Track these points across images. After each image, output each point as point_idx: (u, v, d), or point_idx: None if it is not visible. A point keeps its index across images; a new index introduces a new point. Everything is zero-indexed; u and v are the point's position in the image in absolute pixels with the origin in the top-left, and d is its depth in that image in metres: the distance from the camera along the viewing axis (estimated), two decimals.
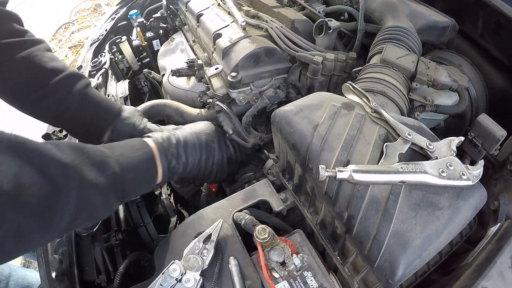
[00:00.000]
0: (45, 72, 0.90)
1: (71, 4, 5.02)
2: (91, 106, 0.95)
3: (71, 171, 0.57)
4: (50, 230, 0.54)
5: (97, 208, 0.63)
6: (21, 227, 0.48)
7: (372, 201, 0.57)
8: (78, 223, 0.60)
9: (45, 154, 0.54)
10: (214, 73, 1.03)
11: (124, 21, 1.77)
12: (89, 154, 0.62)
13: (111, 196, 0.65)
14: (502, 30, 1.02)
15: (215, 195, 1.20)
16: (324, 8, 1.25)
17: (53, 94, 0.90)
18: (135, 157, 0.73)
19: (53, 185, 0.53)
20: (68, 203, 0.55)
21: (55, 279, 0.85)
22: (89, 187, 0.59)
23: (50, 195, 0.52)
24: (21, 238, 0.49)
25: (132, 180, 0.71)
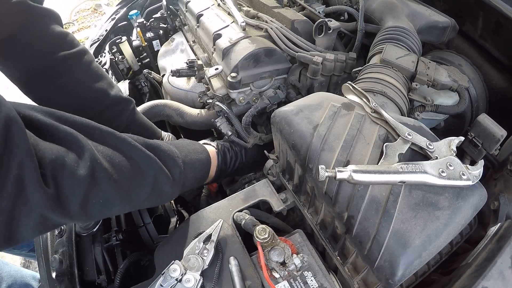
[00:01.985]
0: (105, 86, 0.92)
1: (71, 4, 5.02)
2: (137, 127, 1.00)
3: (152, 161, 0.66)
4: (128, 204, 0.63)
5: (163, 195, 0.72)
6: (109, 198, 0.57)
7: (372, 201, 0.57)
8: (148, 204, 0.71)
9: (131, 143, 0.63)
10: (214, 73, 1.04)
11: (124, 22, 1.77)
12: (164, 151, 0.71)
13: (176, 189, 0.74)
14: (502, 30, 1.02)
15: (215, 195, 1.20)
16: (324, 8, 1.25)
17: (103, 114, 0.92)
18: (196, 159, 0.83)
19: (138, 169, 0.63)
20: (146, 186, 0.65)
21: (55, 279, 0.85)
22: (163, 177, 0.69)
23: (135, 177, 0.62)
24: (105, 206, 0.57)
25: (191, 179, 0.80)
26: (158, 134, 1.07)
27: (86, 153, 0.52)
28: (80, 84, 0.88)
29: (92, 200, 0.53)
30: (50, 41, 0.82)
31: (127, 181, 0.60)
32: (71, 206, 0.50)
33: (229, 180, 1.18)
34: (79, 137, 0.53)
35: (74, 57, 0.86)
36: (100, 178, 0.54)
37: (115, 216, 1.05)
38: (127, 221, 1.05)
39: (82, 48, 0.90)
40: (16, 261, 2.10)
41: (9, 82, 0.85)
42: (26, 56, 0.81)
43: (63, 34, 0.85)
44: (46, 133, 0.50)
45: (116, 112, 0.95)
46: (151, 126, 1.07)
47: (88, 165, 0.51)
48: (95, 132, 0.59)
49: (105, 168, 0.55)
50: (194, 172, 0.81)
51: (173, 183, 0.71)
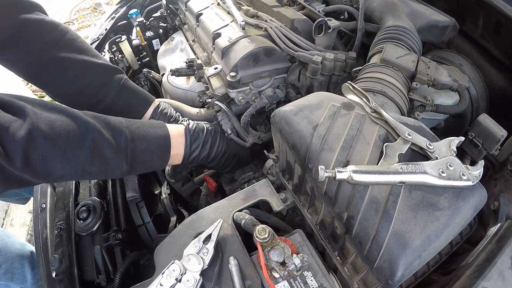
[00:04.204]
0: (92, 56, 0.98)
1: (71, 3, 5.01)
2: (127, 95, 1.03)
3: (91, 126, 0.73)
4: (68, 164, 0.70)
5: (108, 162, 0.76)
6: (47, 155, 0.67)
7: (371, 201, 0.57)
8: (92, 169, 0.75)
9: (74, 112, 0.73)
10: (213, 72, 1.03)
11: (124, 21, 1.77)
12: (109, 121, 0.78)
13: (122, 157, 0.78)
14: (502, 30, 1.02)
15: (214, 195, 1.20)
16: (323, 7, 1.25)
17: (90, 85, 0.97)
18: (150, 132, 0.85)
19: (77, 131, 0.71)
20: (84, 147, 0.72)
21: (55, 278, 0.85)
22: (103, 141, 0.74)
23: (73, 138, 0.70)
24: (45, 162, 0.67)
25: (144, 150, 0.82)
26: (150, 99, 1.08)
27: (28, 119, 0.66)
28: (65, 59, 0.94)
29: (33, 156, 0.65)
30: (29, 28, 0.89)
31: (64, 141, 0.69)
32: (15, 158, 0.63)
33: (229, 179, 1.18)
34: (27, 108, 0.67)
35: (56, 38, 0.93)
36: (37, 137, 0.65)
37: (115, 215, 1.05)
38: (126, 221, 1.05)
39: (63, 28, 0.96)
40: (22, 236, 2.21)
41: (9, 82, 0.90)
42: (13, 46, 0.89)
43: (40, 19, 0.91)
44: (5, 106, 0.66)
45: (105, 79, 0.99)
46: (143, 92, 1.08)
47: (27, 127, 0.64)
48: (47, 106, 0.72)
49: (42, 129, 0.66)
50: (146, 144, 0.82)
51: (117, 149, 0.77)
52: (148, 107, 1.06)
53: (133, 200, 1.06)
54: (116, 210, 1.07)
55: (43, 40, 0.91)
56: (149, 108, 1.06)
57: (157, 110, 1.07)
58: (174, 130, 0.91)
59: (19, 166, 0.64)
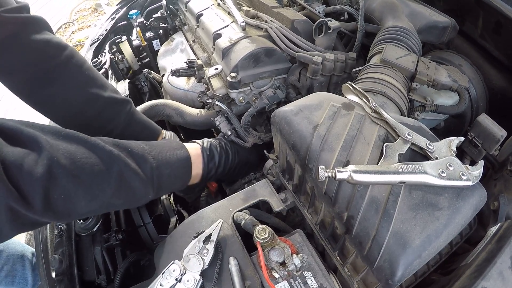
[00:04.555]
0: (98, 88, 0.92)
1: (72, 3, 5.02)
2: (135, 130, 1.00)
3: (116, 157, 0.68)
4: (93, 200, 0.64)
5: (135, 193, 0.71)
6: (71, 194, 0.59)
7: (371, 201, 0.57)
8: (118, 202, 0.70)
9: (94, 142, 0.66)
10: (213, 73, 1.03)
11: (124, 21, 1.77)
12: (132, 149, 0.73)
13: (148, 186, 0.74)
14: (502, 30, 1.02)
15: (215, 195, 1.20)
16: (324, 8, 1.25)
17: (96, 119, 0.92)
18: (171, 156, 0.82)
19: (101, 164, 0.65)
20: (111, 181, 0.66)
21: (55, 279, 0.85)
22: (130, 172, 0.69)
23: (97, 171, 0.64)
24: (68, 201, 0.59)
25: (168, 176, 0.79)
26: (157, 132, 1.07)
27: (44, 152, 0.57)
28: (70, 90, 0.88)
29: (54, 196, 0.57)
30: (34, 49, 0.82)
31: (89, 176, 0.62)
32: (34, 201, 0.54)
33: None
34: (40, 138, 0.58)
35: (60, 65, 0.86)
36: (58, 174, 0.57)
37: (115, 216, 1.05)
38: (127, 221, 1.05)
39: (68, 53, 0.88)
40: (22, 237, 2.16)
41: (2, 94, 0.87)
42: (13, 67, 0.82)
43: (45, 41, 0.84)
44: (11, 136, 0.57)
45: (112, 113, 0.95)
46: (151, 124, 1.07)
47: (45, 163, 0.56)
48: (61, 134, 0.63)
49: (63, 164, 0.58)
50: (170, 169, 0.80)
51: (144, 179, 0.72)
52: (156, 139, 1.06)
53: None
54: (116, 211, 1.07)
55: (48, 65, 0.84)
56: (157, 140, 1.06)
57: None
58: (192, 150, 0.90)
59: (39, 209, 0.55)
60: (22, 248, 1.45)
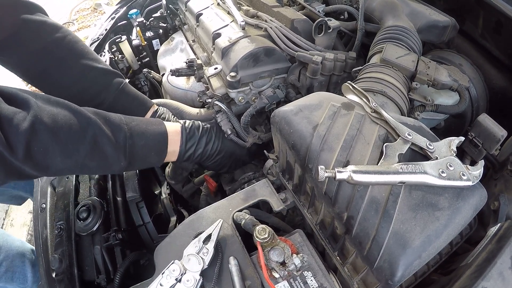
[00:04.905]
0: (91, 60, 0.99)
1: (71, 3, 5.01)
2: (126, 100, 1.04)
3: (92, 121, 0.75)
4: (68, 158, 0.71)
5: (107, 157, 0.77)
6: (49, 148, 0.68)
7: (371, 201, 0.57)
8: (92, 164, 0.76)
9: (77, 108, 0.75)
10: (213, 73, 1.03)
11: (124, 21, 1.77)
12: (109, 118, 0.80)
13: (120, 153, 0.79)
14: (502, 30, 1.02)
15: (214, 195, 1.20)
16: (323, 7, 1.25)
17: (89, 89, 0.99)
18: (148, 129, 0.87)
19: (78, 126, 0.72)
20: (85, 142, 0.73)
21: (55, 278, 0.85)
22: (103, 137, 0.76)
23: (74, 132, 0.72)
24: (46, 155, 0.68)
25: (142, 147, 0.84)
26: (148, 104, 1.09)
27: (31, 111, 0.67)
28: (65, 62, 0.95)
29: (34, 148, 0.66)
30: (31, 29, 0.90)
31: (66, 136, 0.70)
32: (17, 149, 0.64)
33: (229, 179, 1.18)
34: (31, 101, 0.68)
35: (57, 40, 0.93)
36: (39, 130, 0.66)
37: (115, 215, 1.05)
38: (126, 221, 1.05)
39: (64, 31, 0.96)
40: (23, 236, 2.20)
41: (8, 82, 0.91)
42: (10, 45, 0.89)
43: (42, 21, 0.92)
44: (9, 98, 0.67)
45: (104, 82, 1.01)
46: (142, 96, 1.09)
47: (30, 119, 0.65)
48: (50, 100, 0.73)
49: (45, 122, 0.68)
50: (144, 141, 0.84)
51: (116, 145, 0.78)
52: (146, 112, 1.07)
53: (133, 200, 1.06)
54: (116, 210, 1.07)
55: (44, 42, 0.92)
56: (148, 113, 1.07)
57: (155, 115, 1.07)
58: (171, 128, 0.93)
59: (20, 157, 0.64)
60: (22, 245, 1.45)
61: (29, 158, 0.66)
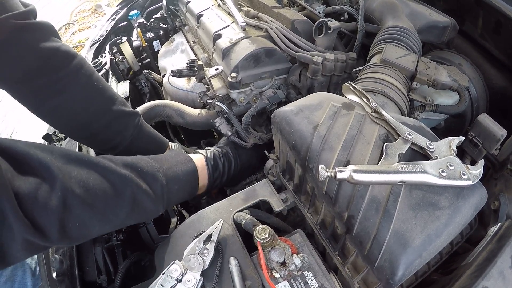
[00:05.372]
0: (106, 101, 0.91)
1: (72, 5, 5.03)
2: (142, 143, 1.00)
3: (128, 180, 0.68)
4: (107, 224, 0.65)
5: (147, 212, 0.73)
6: (85, 221, 0.60)
7: (372, 201, 0.57)
8: (132, 221, 0.72)
9: (106, 166, 0.66)
10: (214, 73, 1.04)
11: (124, 22, 1.77)
12: (142, 168, 0.73)
13: (159, 203, 0.75)
14: (502, 30, 1.02)
15: (215, 195, 1.20)
16: (324, 8, 1.25)
17: (103, 132, 0.91)
18: (179, 171, 0.83)
19: (114, 190, 0.65)
20: (124, 206, 0.66)
21: (55, 279, 0.85)
22: (142, 194, 0.70)
23: (110, 197, 0.64)
24: (83, 228, 0.60)
25: (177, 191, 0.81)
26: (165, 144, 1.08)
27: (57, 183, 0.55)
28: (78, 102, 0.86)
29: (69, 225, 0.57)
30: (42, 58, 0.79)
31: (102, 203, 0.62)
32: (50, 233, 0.54)
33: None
34: (51, 165, 0.56)
35: (69, 75, 0.83)
36: (73, 205, 0.57)
37: None
38: None
39: (77, 63, 0.85)
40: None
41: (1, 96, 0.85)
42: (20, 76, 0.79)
43: (54, 49, 0.81)
44: (21, 163, 0.54)
45: (120, 126, 0.94)
46: (158, 137, 1.07)
47: (59, 195, 0.55)
48: (71, 157, 0.62)
49: (77, 194, 0.58)
50: (179, 184, 0.81)
51: (155, 198, 0.73)
52: (163, 151, 1.06)
53: None
54: None
55: (57, 76, 0.81)
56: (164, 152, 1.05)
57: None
58: (198, 162, 0.91)
59: (55, 239, 0.55)
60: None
61: (64, 237, 0.57)
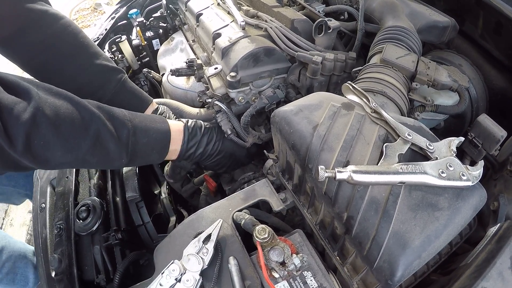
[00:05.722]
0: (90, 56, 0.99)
1: (71, 3, 5.01)
2: (124, 96, 1.04)
3: (96, 116, 0.73)
4: (69, 152, 0.69)
5: (109, 154, 0.76)
6: (49, 142, 0.66)
7: (371, 201, 0.57)
8: (92, 160, 0.74)
9: (79, 101, 0.72)
10: (213, 72, 1.03)
11: (124, 21, 1.77)
12: (113, 113, 0.78)
13: (123, 149, 0.78)
14: (502, 30, 1.02)
15: (214, 195, 1.20)
16: (323, 7, 1.25)
17: (87, 85, 0.98)
18: (151, 126, 0.86)
19: (80, 121, 0.70)
20: (88, 137, 0.71)
21: (54, 278, 0.85)
22: (106, 133, 0.74)
23: (76, 127, 0.70)
24: (46, 148, 0.66)
25: (144, 145, 0.83)
26: (148, 101, 1.09)
27: (32, 102, 0.64)
28: (64, 57, 0.94)
29: (34, 141, 0.64)
30: (31, 18, 0.89)
31: (68, 129, 0.68)
32: (16, 142, 0.61)
33: (228, 179, 1.18)
34: (32, 91, 0.65)
35: (57, 32, 0.93)
36: (41, 122, 0.64)
37: (114, 215, 1.05)
38: (126, 221, 1.05)
39: (65, 22, 0.95)
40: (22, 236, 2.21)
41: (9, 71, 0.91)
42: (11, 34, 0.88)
43: (43, 11, 0.91)
44: (9, 86, 0.64)
45: (102, 80, 1.00)
46: (141, 94, 1.08)
47: (31, 111, 0.63)
48: (52, 90, 0.70)
49: (47, 114, 0.65)
50: (147, 138, 0.83)
51: (119, 142, 0.77)
52: (146, 108, 1.07)
53: (133, 200, 1.06)
54: (115, 210, 1.06)
55: (45, 34, 0.91)
56: (147, 110, 1.07)
57: (156, 112, 1.07)
58: (174, 126, 0.92)
59: (19, 149, 0.62)
60: (24, 247, 1.45)
61: (28, 151, 0.64)
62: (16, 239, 1.46)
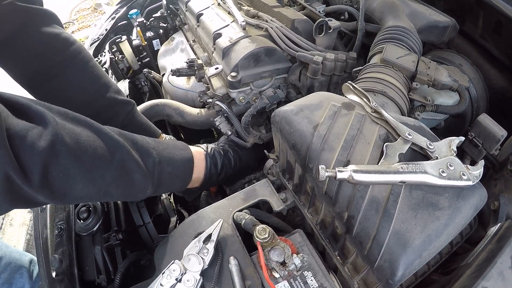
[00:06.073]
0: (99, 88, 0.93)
1: (71, 3, 5.02)
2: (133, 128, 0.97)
3: (120, 146, 0.66)
4: (91, 184, 0.62)
5: (134, 185, 0.70)
6: (69, 173, 0.58)
7: (372, 201, 0.57)
8: (116, 192, 0.68)
9: (101, 128, 0.65)
10: (214, 73, 1.03)
11: (124, 21, 1.77)
12: (137, 141, 0.72)
13: (148, 180, 0.72)
14: (502, 30, 1.02)
15: (215, 195, 1.20)
16: (324, 7, 1.25)
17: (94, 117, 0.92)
18: (175, 154, 0.82)
19: (104, 150, 0.63)
20: (112, 168, 0.64)
21: (55, 278, 0.85)
22: (132, 162, 0.68)
23: (100, 156, 0.62)
24: (66, 181, 0.58)
25: (169, 174, 0.78)
26: (156, 134, 1.07)
27: (49, 128, 0.55)
28: (72, 87, 0.89)
29: (52, 173, 0.55)
30: (42, 42, 0.84)
31: (90, 160, 0.61)
32: (32, 175, 0.53)
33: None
34: (47, 115, 0.57)
35: (67, 59, 0.87)
36: (60, 152, 0.56)
37: (115, 215, 1.05)
38: (127, 221, 1.05)
39: (75, 48, 0.89)
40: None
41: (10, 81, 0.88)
42: (21, 57, 0.83)
43: (54, 35, 0.85)
44: (19, 110, 0.56)
45: (110, 114, 0.96)
46: (150, 127, 1.06)
47: (49, 138, 0.54)
48: (69, 115, 0.63)
49: (67, 142, 0.57)
50: (172, 167, 0.79)
51: (145, 172, 0.71)
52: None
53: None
54: (116, 211, 1.06)
55: (54, 60, 0.86)
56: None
57: None
58: (196, 154, 0.90)
59: (36, 183, 0.54)
60: (20, 257, 1.44)
61: (45, 185, 0.55)
62: (13, 249, 1.46)
